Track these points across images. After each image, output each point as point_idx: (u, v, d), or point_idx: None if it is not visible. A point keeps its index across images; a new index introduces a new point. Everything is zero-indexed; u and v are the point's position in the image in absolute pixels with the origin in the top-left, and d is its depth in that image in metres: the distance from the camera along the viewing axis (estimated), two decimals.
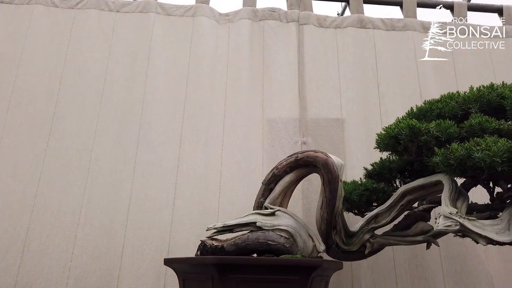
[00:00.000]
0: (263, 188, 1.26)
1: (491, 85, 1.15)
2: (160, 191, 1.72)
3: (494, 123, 0.99)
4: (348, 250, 1.27)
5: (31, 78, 1.84)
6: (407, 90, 1.98)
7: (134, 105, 1.84)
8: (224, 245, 1.09)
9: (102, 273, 1.58)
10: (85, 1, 2.00)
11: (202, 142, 1.81)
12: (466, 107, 1.11)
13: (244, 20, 2.03)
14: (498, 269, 1.74)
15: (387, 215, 1.26)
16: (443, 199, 1.00)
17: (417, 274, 1.71)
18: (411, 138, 1.07)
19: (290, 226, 1.12)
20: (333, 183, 1.13)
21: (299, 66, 1.98)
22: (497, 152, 0.85)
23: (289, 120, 1.89)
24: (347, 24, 2.06)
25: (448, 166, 0.95)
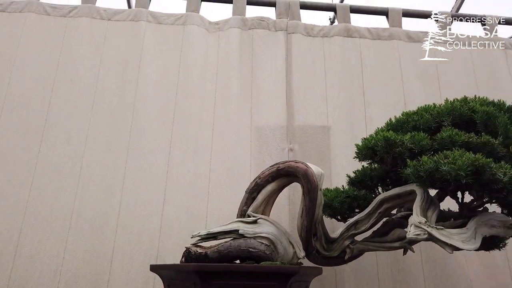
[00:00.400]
0: (246, 196, 1.30)
1: (464, 98, 1.21)
2: (150, 197, 1.75)
3: (463, 136, 1.04)
4: (329, 256, 1.32)
5: (23, 85, 1.88)
6: (392, 98, 2.03)
7: (125, 113, 1.88)
8: (208, 252, 1.13)
9: (92, 277, 1.62)
10: (77, 9, 2.04)
11: (192, 149, 1.86)
12: (439, 120, 1.16)
13: (233, 29, 2.07)
14: (477, 272, 1.79)
15: (366, 222, 1.32)
16: (414, 208, 1.05)
17: (399, 278, 1.76)
18: (387, 150, 1.12)
19: (271, 233, 1.17)
20: (313, 192, 1.18)
21: (287, 74, 2.03)
22: (462, 166, 0.90)
23: (276, 127, 1.94)
24: (334, 33, 2.12)
25: (419, 177, 1.00)
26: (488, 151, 1.02)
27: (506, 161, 1.02)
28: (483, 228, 1.04)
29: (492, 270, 1.81)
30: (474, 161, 0.90)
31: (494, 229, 1.06)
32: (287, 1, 2.15)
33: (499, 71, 2.13)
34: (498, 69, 2.14)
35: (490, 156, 1.04)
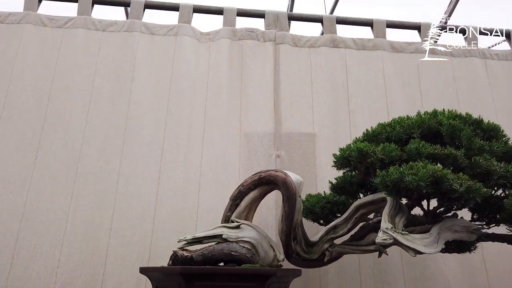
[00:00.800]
0: (230, 203, 1.39)
1: (434, 112, 1.29)
2: (142, 201, 1.83)
3: (429, 148, 1.12)
4: (309, 258, 1.40)
5: (21, 94, 1.94)
6: (375, 106, 2.12)
7: (118, 120, 1.96)
8: (193, 255, 1.22)
9: (87, 278, 1.69)
10: (72, 20, 2.11)
11: (183, 155, 1.93)
12: (410, 132, 1.24)
13: (224, 39, 2.15)
14: (455, 274, 1.87)
15: (344, 226, 1.40)
16: (383, 215, 1.14)
17: (380, 278, 1.84)
18: (360, 160, 1.21)
19: (253, 238, 1.25)
20: (291, 199, 1.27)
21: (275, 83, 2.11)
22: (422, 177, 0.99)
23: (264, 134, 2.02)
24: (320, 44, 2.20)
25: (386, 186, 1.08)
26: (451, 162, 1.11)
27: (468, 171, 1.11)
28: (446, 233, 1.12)
29: (470, 272, 1.89)
30: (434, 172, 0.99)
31: (458, 233, 1.15)
32: (275, 13, 2.23)
33: (478, 80, 2.22)
34: (478, 78, 2.22)
35: (454, 167, 1.13)
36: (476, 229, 1.19)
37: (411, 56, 2.23)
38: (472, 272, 1.89)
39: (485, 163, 1.08)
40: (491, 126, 1.24)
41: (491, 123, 1.26)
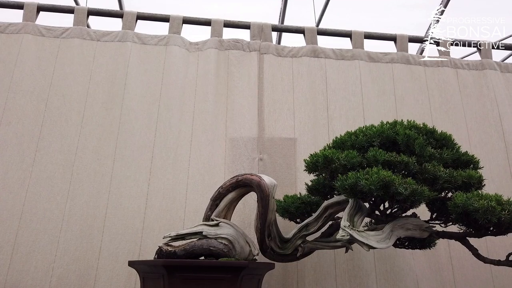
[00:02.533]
0: (211, 203, 1.53)
1: (394, 122, 1.44)
2: (133, 201, 1.95)
3: (385, 155, 1.27)
4: (283, 253, 1.55)
5: (20, 100, 2.06)
6: (352, 113, 2.26)
7: (111, 125, 2.08)
8: (176, 250, 1.36)
9: (81, 272, 1.81)
10: (69, 31, 2.24)
11: (171, 158, 2.07)
12: (371, 140, 1.39)
13: (211, 49, 2.29)
14: (423, 268, 2.02)
15: (315, 224, 1.54)
16: (344, 214, 1.28)
17: (353, 273, 1.99)
18: (325, 165, 1.35)
19: (230, 234, 1.40)
20: (265, 200, 1.41)
21: (258, 91, 2.24)
22: (374, 182, 1.13)
23: (248, 139, 2.16)
24: (302, 54, 2.34)
25: (344, 189, 1.23)
26: (403, 168, 1.25)
27: (418, 176, 1.26)
28: (399, 230, 1.27)
29: (437, 267, 2.04)
30: (384, 177, 1.14)
31: (410, 231, 1.30)
32: (260, 24, 2.37)
33: (450, 88, 2.37)
34: (449, 87, 2.37)
35: (407, 172, 1.28)
36: (428, 227, 1.34)
37: (387, 66, 2.38)
38: (439, 267, 2.04)
39: (432, 169, 1.23)
40: (443, 135, 1.39)
41: (443, 133, 1.40)
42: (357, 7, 3.72)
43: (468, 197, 1.15)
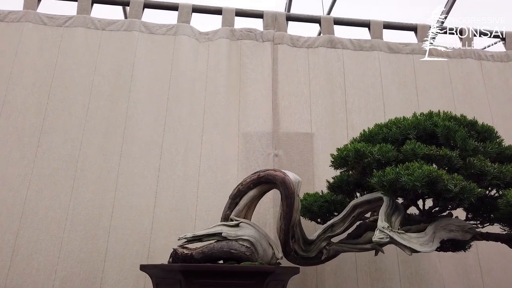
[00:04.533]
0: (229, 202, 1.41)
1: (430, 113, 1.32)
2: (141, 200, 1.84)
3: (424, 149, 1.15)
4: (307, 256, 1.42)
5: (20, 92, 1.95)
6: (372, 106, 2.14)
7: (117, 119, 1.97)
8: (193, 253, 1.24)
9: (86, 276, 1.71)
10: (72, 19, 2.12)
11: (181, 154, 1.95)
12: (406, 133, 1.27)
13: (222, 39, 2.17)
14: (450, 271, 1.91)
15: (341, 225, 1.42)
16: (380, 214, 1.16)
17: (376, 276, 1.87)
18: (357, 160, 1.23)
19: (252, 236, 1.28)
20: (290, 198, 1.29)
21: (273, 83, 2.13)
22: (418, 177, 1.01)
23: (262, 133, 2.04)
24: (318, 44, 2.22)
25: (382, 186, 1.11)
26: (445, 163, 1.13)
27: (462, 172, 1.14)
28: (441, 232, 1.15)
29: (464, 269, 1.92)
30: (429, 173, 1.01)
31: (453, 233, 1.18)
32: (274, 13, 2.25)
33: (474, 81, 2.25)
34: (473, 79, 2.25)
35: (448, 167, 1.15)
36: (471, 228, 1.22)
37: (407, 57, 2.26)
38: (466, 269, 1.92)
39: (479, 164, 1.11)
40: (485, 127, 1.27)
41: (485, 125, 1.28)
42: None
43: None
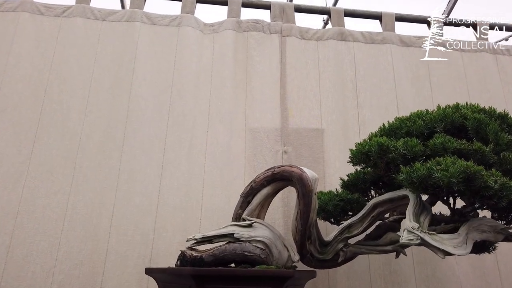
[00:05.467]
0: (241, 200, 1.31)
1: (456, 105, 1.23)
2: (144, 198, 1.76)
3: (455, 143, 1.06)
4: (323, 259, 1.33)
5: (16, 85, 1.86)
6: (385, 101, 2.06)
7: (118, 113, 1.88)
8: (203, 256, 1.14)
9: (85, 279, 1.62)
10: (71, 9, 2.02)
11: (186, 150, 1.86)
12: (432, 126, 1.18)
13: (228, 31, 2.08)
14: (467, 273, 1.83)
15: (360, 225, 1.33)
16: (407, 213, 1.07)
17: (391, 279, 1.79)
18: (380, 155, 1.14)
19: (266, 237, 1.18)
20: (307, 196, 1.19)
21: (281, 76, 2.04)
22: (454, 173, 0.92)
23: (270, 129, 1.95)
24: (328, 37, 2.13)
25: (412, 183, 1.02)
26: (479, 158, 1.04)
27: (497, 168, 1.05)
28: (474, 233, 1.06)
29: (482, 271, 1.84)
30: (466, 168, 0.93)
31: (485, 234, 1.09)
32: (282, 4, 2.16)
33: (489, 75, 2.17)
34: (489, 73, 2.17)
35: (481, 163, 1.06)
36: (503, 229, 1.13)
37: (420, 50, 2.17)
38: (484, 272, 1.85)
39: None
40: None
41: None
42: None
43: None
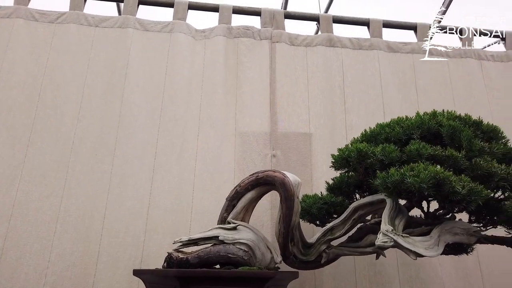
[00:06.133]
0: (227, 204, 1.36)
1: (434, 112, 1.28)
2: (135, 201, 1.79)
3: (429, 150, 1.11)
4: (306, 260, 1.38)
5: (10, 90, 1.89)
6: (372, 107, 2.11)
7: (111, 118, 1.91)
8: (189, 258, 1.19)
9: (77, 280, 1.65)
10: (65, 15, 2.06)
11: (176, 154, 1.90)
12: (409, 133, 1.23)
13: (219, 37, 2.12)
14: (450, 274, 1.87)
15: (342, 228, 1.38)
16: (383, 217, 1.12)
17: (375, 280, 1.83)
18: (359, 161, 1.19)
19: (250, 239, 1.23)
20: (289, 200, 1.24)
21: (271, 82, 2.09)
22: (424, 179, 0.97)
23: (260, 133, 2.00)
24: (317, 43, 2.18)
25: (386, 188, 1.07)
26: (451, 164, 1.09)
27: (468, 173, 1.10)
28: (446, 235, 1.11)
29: (464, 272, 1.89)
30: (436, 174, 0.97)
31: (457, 236, 1.14)
32: (272, 11, 2.21)
33: (474, 81, 2.22)
34: (474, 79, 2.23)
35: (454, 168, 1.11)
36: (476, 232, 1.18)
37: (407, 56, 2.22)
38: (466, 273, 1.89)
39: (486, 165, 1.07)
40: (490, 127, 1.23)
41: (490, 125, 1.25)
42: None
43: None
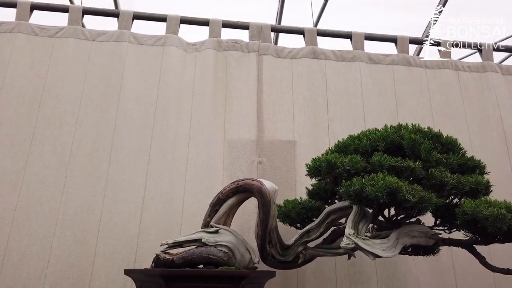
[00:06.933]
0: (210, 209, 1.48)
1: (398, 126, 1.40)
2: (129, 205, 1.90)
3: (390, 161, 1.23)
4: (284, 260, 1.50)
5: (12, 101, 2.00)
6: (353, 115, 2.22)
7: (107, 127, 2.02)
8: (174, 258, 1.31)
9: (75, 279, 1.76)
10: (63, 30, 2.19)
11: (168, 161, 2.02)
12: (375, 145, 1.35)
13: (209, 50, 2.24)
14: (425, 273, 1.99)
15: (317, 230, 1.50)
16: (348, 221, 1.24)
17: (354, 278, 1.95)
18: (328, 170, 1.31)
19: (230, 242, 1.35)
20: (266, 206, 1.37)
21: (258, 92, 2.20)
22: (380, 188, 1.09)
23: (247, 141, 2.11)
24: (302, 55, 2.30)
25: (349, 196, 1.19)
26: (409, 174, 1.22)
27: (425, 182, 1.22)
28: (404, 238, 1.23)
29: (439, 272, 2.00)
30: (390, 184, 1.10)
31: (415, 239, 1.26)
32: (259, 25, 2.33)
33: (451, 91, 2.34)
34: (451, 89, 2.35)
35: (412, 178, 1.24)
36: (434, 234, 1.30)
37: (387, 68, 2.35)
38: (441, 272, 2.01)
39: (439, 175, 1.19)
40: (449, 139, 1.35)
41: (449, 137, 1.37)
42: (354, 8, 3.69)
43: (477, 204, 1.12)
